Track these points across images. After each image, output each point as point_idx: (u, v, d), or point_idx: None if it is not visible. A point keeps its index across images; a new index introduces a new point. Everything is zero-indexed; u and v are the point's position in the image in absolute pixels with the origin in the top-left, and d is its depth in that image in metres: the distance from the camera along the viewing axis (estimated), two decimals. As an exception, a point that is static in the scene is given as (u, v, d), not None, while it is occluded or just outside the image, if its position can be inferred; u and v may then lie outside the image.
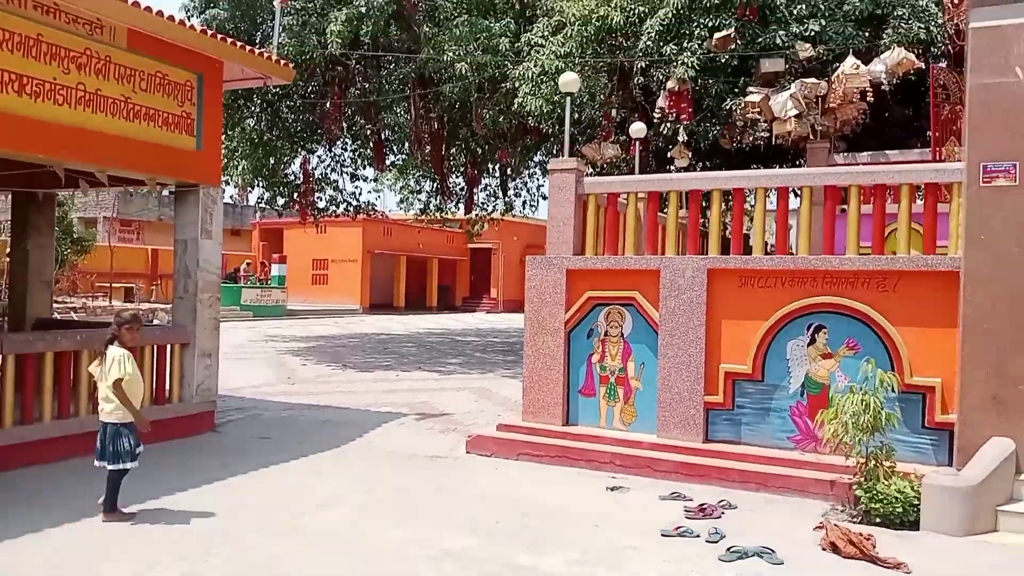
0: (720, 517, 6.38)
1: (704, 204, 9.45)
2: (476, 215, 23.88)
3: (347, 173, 21.17)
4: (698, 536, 5.88)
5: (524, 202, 24.51)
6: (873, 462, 6.49)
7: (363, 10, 14.68)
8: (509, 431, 8.63)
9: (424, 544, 5.55)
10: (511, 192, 23.88)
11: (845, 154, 13.67)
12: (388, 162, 21.64)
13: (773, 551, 5.49)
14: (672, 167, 14.10)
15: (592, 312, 8.61)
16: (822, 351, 7.58)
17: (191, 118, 9.01)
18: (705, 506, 6.57)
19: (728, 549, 5.53)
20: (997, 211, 6.57)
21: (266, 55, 9.79)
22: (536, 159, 21.19)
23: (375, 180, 24.05)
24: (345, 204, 21.13)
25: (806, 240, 7.99)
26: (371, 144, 19.37)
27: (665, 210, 8.95)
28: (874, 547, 5.54)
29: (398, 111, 18.68)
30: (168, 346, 8.94)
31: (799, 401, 7.64)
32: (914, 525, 6.17)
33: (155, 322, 17.41)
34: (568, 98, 9.38)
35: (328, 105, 16.67)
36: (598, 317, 8.58)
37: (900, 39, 12.61)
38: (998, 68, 6.60)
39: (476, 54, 14.44)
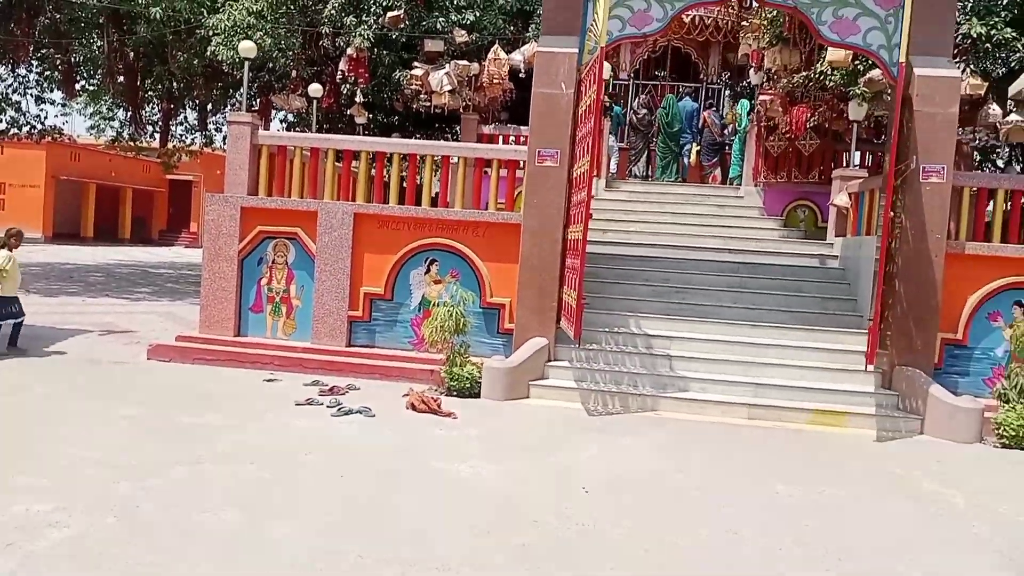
0: (344, 394, 8.74)
1: (355, 159, 11.61)
2: (173, 147, 24.15)
3: (31, 95, 20.57)
4: (323, 404, 8.18)
5: (225, 137, 25.17)
6: (455, 355, 9.21)
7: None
8: (187, 341, 10.35)
9: (103, 414, 7.26)
10: (211, 127, 24.46)
11: (495, 124, 16.64)
12: (78, 87, 21.31)
13: (370, 408, 7.95)
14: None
15: (262, 243, 10.52)
16: (435, 278, 10.22)
17: None
18: (334, 387, 8.91)
19: (338, 408, 7.91)
20: (544, 183, 9.50)
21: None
22: (235, 98, 22.07)
23: (63, 105, 23.33)
24: (29, 127, 20.55)
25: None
26: (59, 69, 19.11)
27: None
28: (439, 406, 8.22)
29: (92, 40, 18.64)
30: None
31: (417, 315, 10.24)
32: (477, 395, 8.98)
33: None
34: (247, 62, 11.01)
35: (14, 28, 16.40)
36: (267, 248, 10.52)
37: (539, 32, 15.63)
38: (551, 82, 9.47)
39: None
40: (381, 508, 5.26)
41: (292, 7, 15.34)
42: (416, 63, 14.82)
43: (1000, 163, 19.85)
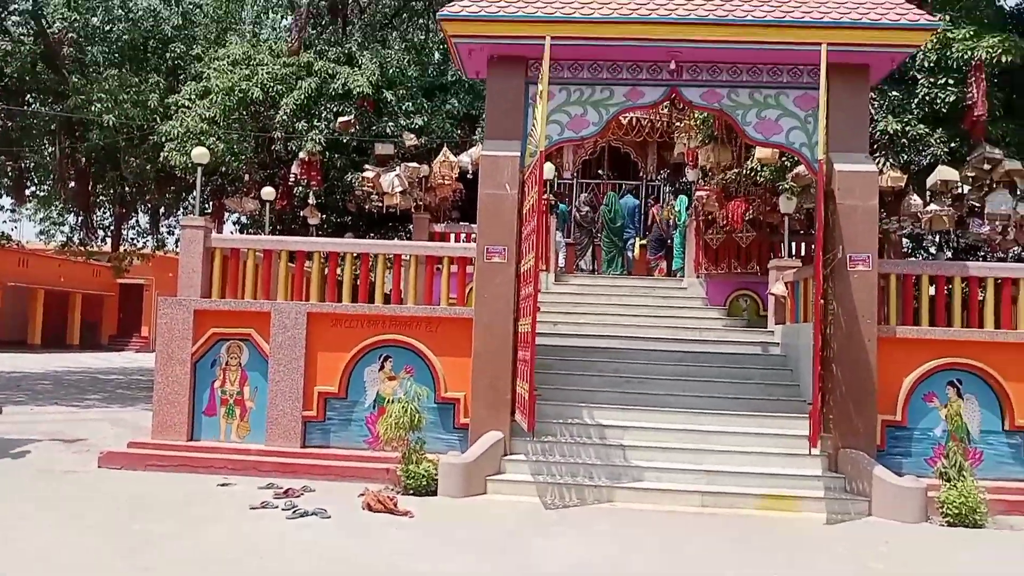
0: (299, 496, 8.68)
1: (308, 259, 11.77)
2: (124, 251, 24.11)
3: (-22, 202, 20.53)
4: (277, 508, 8.12)
5: (177, 240, 25.26)
6: (411, 452, 9.25)
7: (8, 47, 15.16)
8: (139, 447, 10.21)
9: (53, 522, 7.12)
10: (163, 230, 24.55)
11: (447, 223, 17.09)
12: (28, 193, 21.36)
13: (326, 510, 7.93)
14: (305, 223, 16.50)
15: (216, 345, 10.55)
16: (389, 374, 10.32)
17: None
18: (288, 489, 8.85)
19: (293, 511, 7.87)
20: (493, 279, 9.80)
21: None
22: (188, 201, 22.31)
23: (12, 211, 23.25)
24: (-26, 235, 20.43)
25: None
26: (9, 176, 19.18)
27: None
28: (396, 505, 8.22)
29: (43, 147, 18.82)
30: None
31: (372, 413, 10.28)
32: (434, 493, 8.99)
33: None
34: (200, 167, 11.29)
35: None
36: (221, 349, 10.55)
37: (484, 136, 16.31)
38: (496, 184, 9.90)
39: (125, 107, 15.63)
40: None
41: (244, 113, 15.78)
42: (367, 166, 15.29)
43: (932, 250, 20.88)
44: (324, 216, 16.92)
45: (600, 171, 19.16)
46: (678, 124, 15.85)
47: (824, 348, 9.41)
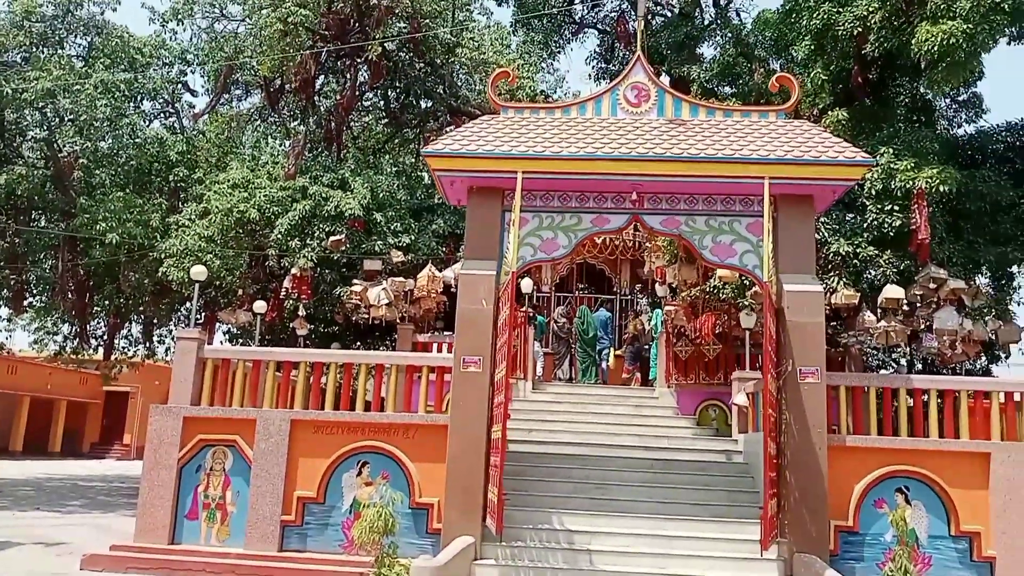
0: (275, 598, 9.03)
1: (294, 368, 12.40)
2: (115, 359, 24.63)
3: (-23, 312, 21.20)
4: (254, 607, 8.48)
5: (167, 349, 25.82)
6: (384, 556, 9.63)
7: (23, 171, 16.19)
8: (121, 550, 10.54)
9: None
10: (155, 340, 25.15)
11: (431, 333, 17.83)
12: (26, 303, 22.06)
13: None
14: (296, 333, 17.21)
15: (202, 451, 11.04)
16: (366, 480, 10.79)
17: None
18: (265, 590, 9.20)
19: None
20: (468, 387, 10.43)
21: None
22: (180, 313, 23.04)
23: (8, 320, 23.90)
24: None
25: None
26: (11, 288, 19.94)
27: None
28: (368, 605, 8.58)
29: (44, 260, 19.67)
30: None
31: (348, 518, 10.68)
32: (407, 596, 9.33)
33: None
34: (196, 285, 12.07)
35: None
36: (207, 455, 11.04)
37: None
38: (473, 299, 10.68)
39: (128, 225, 16.59)
40: None
41: (241, 232, 16.72)
42: (356, 280, 16.13)
43: (903, 362, 21.64)
44: (312, 327, 17.63)
45: (580, 284, 20.10)
46: (647, 244, 16.86)
47: (778, 456, 9.99)
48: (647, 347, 17.42)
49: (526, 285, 17.08)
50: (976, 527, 10.23)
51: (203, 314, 19.29)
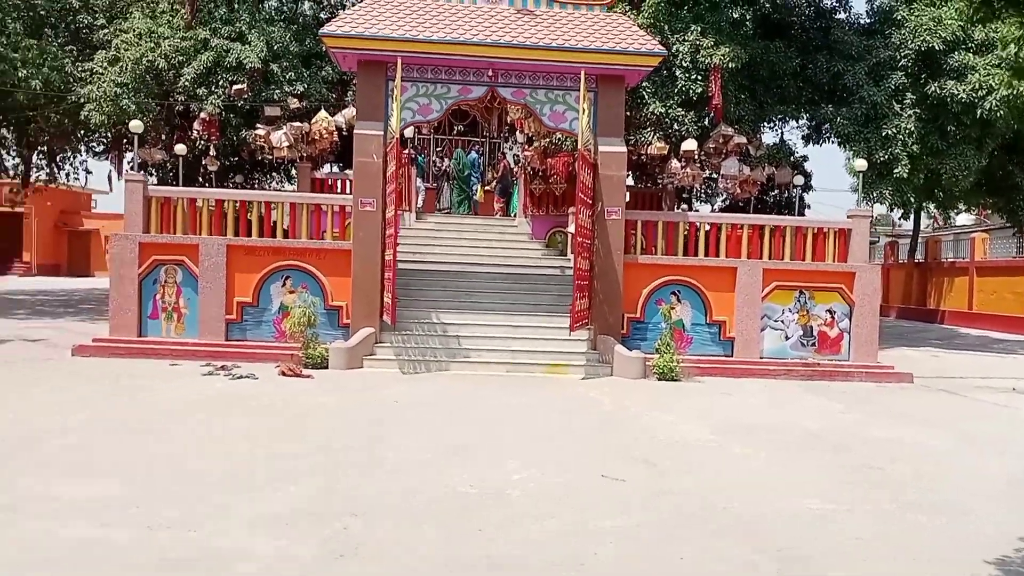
0: (232, 370, 12.67)
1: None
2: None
3: None
4: (219, 375, 12.12)
5: (68, 174, 27.51)
6: (309, 341, 13.36)
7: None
8: (102, 342, 13.83)
9: (62, 386, 10.86)
10: (55, 167, 26.78)
11: (330, 171, 20.85)
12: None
13: (255, 374, 12.01)
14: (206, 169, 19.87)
15: (156, 268, 14.19)
16: (289, 289, 14.32)
17: None
18: (224, 365, 12.83)
19: (233, 376, 11.92)
20: (366, 222, 13.90)
21: None
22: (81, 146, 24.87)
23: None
24: None
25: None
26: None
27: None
28: (300, 372, 12.39)
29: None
30: None
31: (278, 316, 14.28)
32: (326, 367, 13.11)
33: None
34: (136, 135, 14.68)
35: None
36: (160, 271, 14.20)
37: (355, 98, 20.02)
38: (366, 154, 13.92)
39: (43, 71, 18.37)
40: (282, 424, 9.49)
41: (150, 79, 18.73)
42: (259, 124, 18.75)
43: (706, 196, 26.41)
44: (221, 162, 20.25)
45: (456, 124, 23.25)
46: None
47: (591, 270, 14.14)
48: (512, 184, 21.08)
49: (408, 130, 20.12)
50: (724, 317, 14.89)
51: (115, 152, 21.40)
